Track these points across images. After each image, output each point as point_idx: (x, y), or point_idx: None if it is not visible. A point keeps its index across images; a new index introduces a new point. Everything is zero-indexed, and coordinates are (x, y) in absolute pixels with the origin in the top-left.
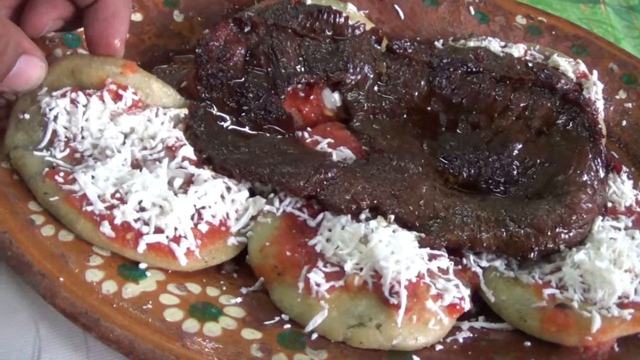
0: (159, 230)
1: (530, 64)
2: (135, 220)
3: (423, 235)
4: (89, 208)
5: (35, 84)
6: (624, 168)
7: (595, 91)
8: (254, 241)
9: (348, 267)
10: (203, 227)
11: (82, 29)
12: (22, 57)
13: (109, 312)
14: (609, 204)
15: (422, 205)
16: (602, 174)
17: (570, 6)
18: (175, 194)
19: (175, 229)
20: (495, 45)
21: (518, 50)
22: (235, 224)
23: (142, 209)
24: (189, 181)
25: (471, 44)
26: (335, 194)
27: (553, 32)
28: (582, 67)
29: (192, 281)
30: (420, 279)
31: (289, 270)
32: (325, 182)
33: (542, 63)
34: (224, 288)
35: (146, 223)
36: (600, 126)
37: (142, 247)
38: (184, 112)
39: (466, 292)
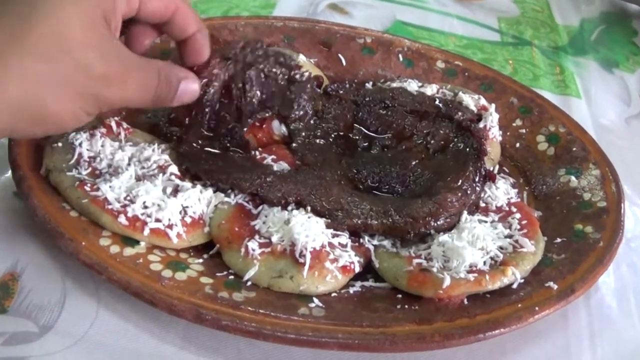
0: (158, 221)
1: (437, 100)
2: (142, 214)
3: (329, 221)
4: (109, 206)
5: (196, 96)
6: (510, 179)
7: (491, 120)
8: (214, 220)
9: (274, 239)
10: (187, 219)
11: None
12: (182, 82)
13: (114, 263)
14: (483, 204)
15: (331, 201)
16: (478, 181)
17: (500, 49)
18: (168, 197)
19: (169, 219)
20: (413, 85)
21: (431, 89)
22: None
23: (146, 207)
24: (176, 189)
25: (394, 84)
26: (270, 192)
27: (466, 74)
28: (482, 102)
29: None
30: (323, 248)
31: (236, 240)
32: (264, 184)
33: (448, 99)
34: (192, 253)
35: (149, 216)
36: (484, 147)
37: (146, 232)
38: (165, 144)
39: (356, 259)
